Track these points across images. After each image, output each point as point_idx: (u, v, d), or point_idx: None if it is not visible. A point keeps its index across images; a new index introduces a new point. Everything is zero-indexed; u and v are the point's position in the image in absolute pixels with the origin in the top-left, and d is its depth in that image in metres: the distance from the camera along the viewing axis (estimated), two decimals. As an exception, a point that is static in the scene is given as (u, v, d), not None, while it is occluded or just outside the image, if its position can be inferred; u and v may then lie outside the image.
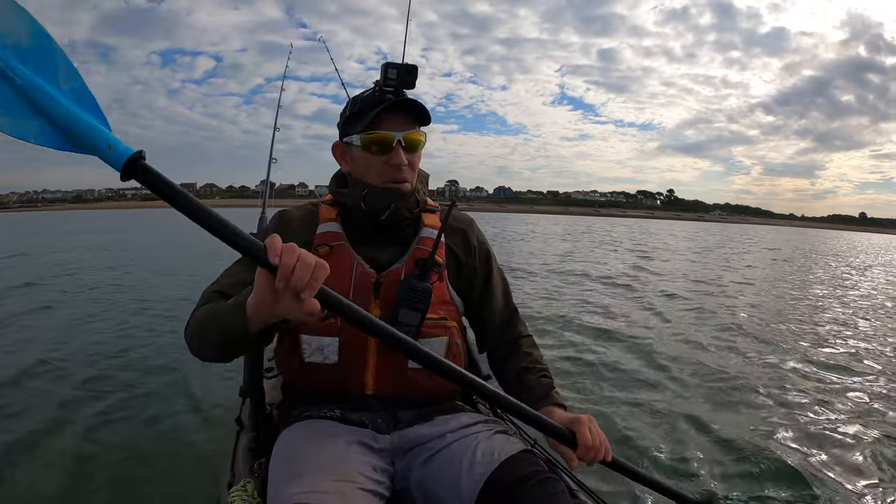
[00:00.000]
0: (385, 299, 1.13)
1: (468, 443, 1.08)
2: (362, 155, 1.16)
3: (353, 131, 1.16)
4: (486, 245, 1.32)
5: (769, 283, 9.79)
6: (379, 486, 1.02)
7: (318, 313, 0.78)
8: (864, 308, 7.28)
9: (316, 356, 1.12)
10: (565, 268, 10.37)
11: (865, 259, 19.52)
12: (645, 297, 7.12)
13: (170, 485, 2.12)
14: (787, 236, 41.55)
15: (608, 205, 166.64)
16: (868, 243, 40.60)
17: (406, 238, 1.21)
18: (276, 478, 1.00)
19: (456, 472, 1.03)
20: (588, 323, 5.23)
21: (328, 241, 1.17)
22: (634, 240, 23.50)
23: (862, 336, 5.38)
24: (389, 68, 1.13)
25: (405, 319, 1.10)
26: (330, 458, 1.00)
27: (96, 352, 3.94)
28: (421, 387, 1.15)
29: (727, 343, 4.71)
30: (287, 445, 1.07)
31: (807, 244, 29.98)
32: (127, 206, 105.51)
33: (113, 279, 7.87)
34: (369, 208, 1.15)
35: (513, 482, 0.97)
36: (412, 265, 1.16)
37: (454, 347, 1.19)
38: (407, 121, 1.15)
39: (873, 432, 2.80)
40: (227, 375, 3.00)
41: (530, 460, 1.03)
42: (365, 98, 1.17)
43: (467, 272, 1.26)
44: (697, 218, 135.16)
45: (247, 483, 1.12)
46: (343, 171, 1.25)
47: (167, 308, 5.46)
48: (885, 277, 12.39)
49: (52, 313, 5.36)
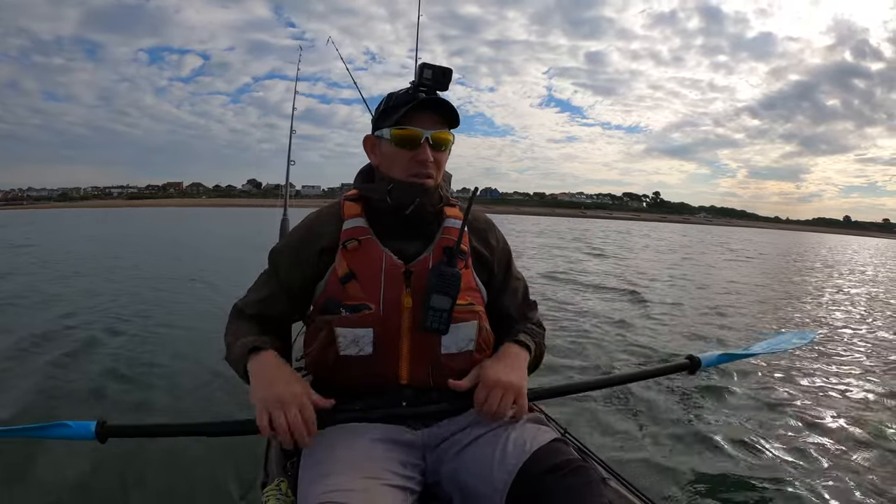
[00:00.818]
0: (416, 288, 1.14)
1: (499, 433, 1.09)
2: (391, 149, 1.18)
3: (385, 125, 1.18)
4: (505, 244, 1.35)
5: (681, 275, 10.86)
6: (409, 482, 1.03)
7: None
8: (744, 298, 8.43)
9: (351, 349, 1.13)
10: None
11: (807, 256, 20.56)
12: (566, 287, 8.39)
13: (203, 483, 2.20)
14: (763, 238, 42.55)
15: (594, 206, 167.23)
16: (835, 244, 41.87)
17: (430, 231, 1.22)
18: (305, 477, 1.02)
19: (488, 463, 1.04)
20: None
21: (356, 236, 1.18)
22: (602, 238, 24.79)
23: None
24: (426, 69, 1.16)
25: (437, 304, 1.11)
26: (358, 456, 1.02)
27: (131, 350, 4.13)
28: (454, 371, 1.16)
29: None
30: (316, 445, 1.07)
31: (779, 244, 31.17)
32: (114, 205, 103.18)
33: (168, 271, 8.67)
34: (395, 202, 1.18)
35: (545, 472, 0.98)
36: (439, 253, 1.18)
37: (483, 332, 1.20)
38: (437, 120, 1.18)
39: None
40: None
41: (562, 449, 1.04)
42: (399, 95, 1.19)
43: (488, 268, 1.28)
44: (683, 220, 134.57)
45: (280, 482, 1.14)
46: (371, 165, 1.28)
47: (207, 308, 5.74)
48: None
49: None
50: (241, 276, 6.69)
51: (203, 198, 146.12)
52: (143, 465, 2.30)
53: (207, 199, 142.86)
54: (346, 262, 1.16)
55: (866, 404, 3.40)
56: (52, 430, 1.12)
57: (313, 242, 1.21)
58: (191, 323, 5.14)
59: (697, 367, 1.51)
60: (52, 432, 1.13)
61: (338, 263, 1.17)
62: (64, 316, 5.22)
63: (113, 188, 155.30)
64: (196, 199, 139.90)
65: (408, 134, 1.15)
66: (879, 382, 3.89)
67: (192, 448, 2.37)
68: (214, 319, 4.25)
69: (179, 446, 2.38)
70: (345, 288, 1.15)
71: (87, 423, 1.11)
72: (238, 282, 5.92)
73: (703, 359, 1.52)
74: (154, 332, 4.74)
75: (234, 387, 3.00)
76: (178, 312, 5.62)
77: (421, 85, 1.17)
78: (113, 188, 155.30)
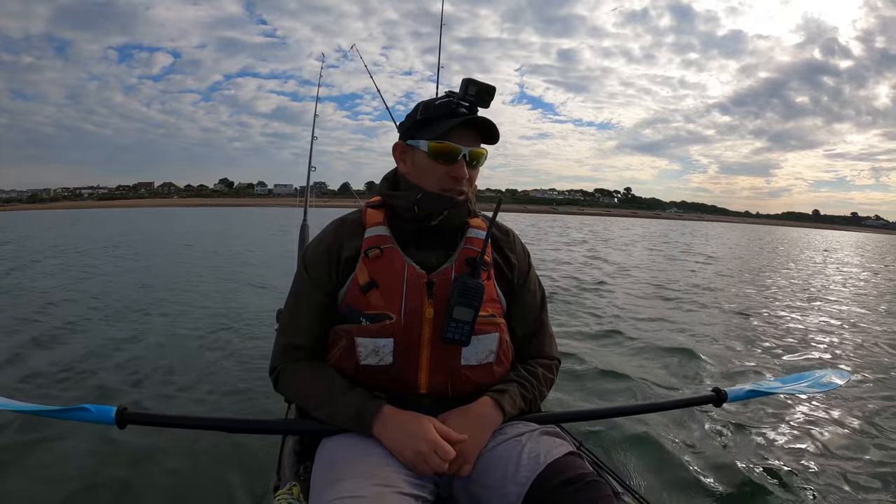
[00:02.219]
0: (439, 299, 1.14)
1: (513, 445, 1.08)
2: (425, 161, 1.17)
3: (422, 136, 1.17)
4: (526, 254, 1.33)
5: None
6: (422, 491, 1.03)
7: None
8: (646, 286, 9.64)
9: (371, 358, 1.13)
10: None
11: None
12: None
13: (216, 486, 2.18)
14: (732, 234, 42.84)
15: (566, 203, 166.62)
16: (786, 236, 42.42)
17: (452, 242, 1.22)
18: (318, 483, 1.02)
19: (501, 475, 1.03)
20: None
21: (379, 244, 1.17)
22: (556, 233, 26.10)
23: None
24: (471, 84, 1.14)
25: (460, 316, 1.10)
26: (371, 463, 1.02)
27: (145, 352, 4.10)
28: (473, 382, 1.17)
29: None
30: (330, 451, 1.08)
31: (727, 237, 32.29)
32: (85, 206, 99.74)
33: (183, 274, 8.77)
34: (422, 213, 1.17)
35: (559, 485, 0.97)
36: (462, 265, 1.17)
37: (504, 344, 1.21)
38: (475, 137, 1.17)
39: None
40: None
41: (576, 463, 1.03)
42: (438, 107, 1.17)
43: (508, 280, 1.27)
44: (653, 216, 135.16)
45: (293, 486, 1.15)
46: (398, 173, 1.26)
47: (217, 313, 5.67)
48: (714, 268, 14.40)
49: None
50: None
51: (175, 198, 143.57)
52: (157, 458, 2.34)
53: (180, 198, 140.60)
54: (367, 271, 1.16)
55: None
56: (74, 412, 1.13)
57: (340, 250, 1.21)
58: (224, 321, 5.20)
59: (724, 400, 1.49)
60: (73, 415, 1.13)
61: (359, 272, 1.17)
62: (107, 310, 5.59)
63: (83, 189, 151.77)
64: (168, 199, 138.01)
65: (447, 149, 1.14)
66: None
67: (207, 446, 2.39)
68: (255, 323, 5.03)
69: (195, 443, 2.41)
70: (366, 296, 1.14)
71: (107, 408, 1.12)
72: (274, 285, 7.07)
73: (730, 393, 1.51)
74: (182, 325, 4.99)
75: (256, 386, 3.25)
76: (220, 312, 5.67)
77: (464, 99, 1.15)
78: (83, 189, 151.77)
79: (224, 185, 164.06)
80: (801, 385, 1.77)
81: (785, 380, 1.80)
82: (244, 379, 3.48)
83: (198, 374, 3.59)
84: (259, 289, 7.51)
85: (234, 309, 5.84)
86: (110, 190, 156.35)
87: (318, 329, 1.21)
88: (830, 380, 1.81)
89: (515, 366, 1.27)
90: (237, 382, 3.42)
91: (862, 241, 49.19)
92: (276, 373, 1.24)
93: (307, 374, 1.20)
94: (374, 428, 1.08)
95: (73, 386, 3.31)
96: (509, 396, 1.17)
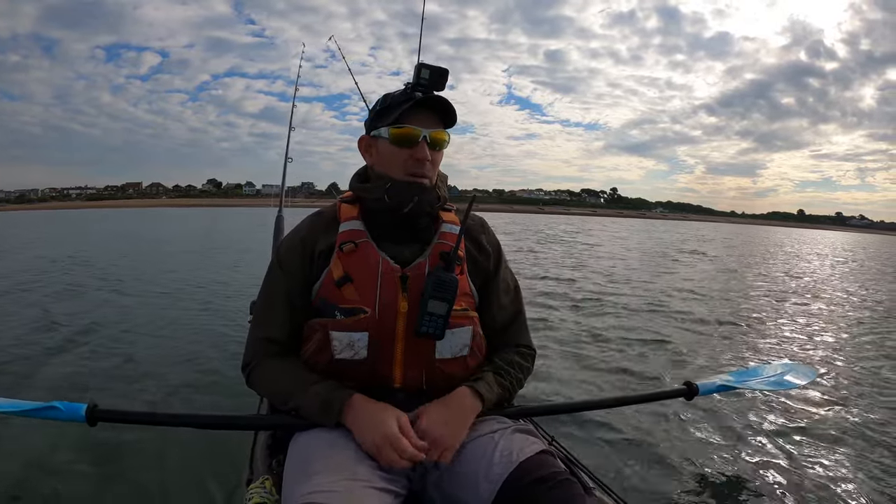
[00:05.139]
0: (412, 293, 1.13)
1: (486, 443, 1.09)
2: (388, 148, 1.18)
3: (382, 125, 1.18)
4: (497, 244, 1.33)
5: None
6: (394, 485, 1.02)
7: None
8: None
9: (346, 352, 1.13)
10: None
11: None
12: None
13: (189, 480, 2.17)
14: (691, 231, 43.07)
15: (552, 203, 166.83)
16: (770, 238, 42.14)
17: (426, 236, 1.22)
18: (290, 476, 1.03)
19: (474, 473, 1.04)
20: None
21: (353, 239, 1.18)
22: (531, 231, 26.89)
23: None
24: (423, 69, 1.16)
25: (434, 310, 1.11)
26: (343, 458, 1.02)
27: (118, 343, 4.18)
28: (447, 376, 1.17)
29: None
30: (303, 445, 1.09)
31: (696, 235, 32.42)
32: (73, 206, 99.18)
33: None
34: (393, 202, 1.17)
35: (531, 484, 0.97)
36: (436, 259, 1.17)
37: (477, 337, 1.21)
38: (434, 120, 1.18)
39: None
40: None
41: (548, 461, 1.04)
42: (395, 96, 1.20)
43: (479, 269, 1.27)
44: (639, 215, 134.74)
45: (265, 480, 1.14)
46: (367, 166, 1.27)
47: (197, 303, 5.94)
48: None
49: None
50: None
51: (163, 198, 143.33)
52: (129, 455, 2.30)
53: (168, 199, 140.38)
54: (342, 265, 1.16)
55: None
56: (43, 411, 1.12)
57: (315, 244, 1.21)
58: (194, 318, 5.26)
59: (695, 394, 1.50)
60: (43, 413, 1.12)
61: (333, 266, 1.17)
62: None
63: (71, 189, 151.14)
64: (157, 200, 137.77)
65: (406, 132, 1.15)
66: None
67: (179, 441, 2.35)
68: (220, 316, 5.25)
69: (167, 439, 2.36)
70: (340, 290, 1.15)
71: (77, 406, 1.12)
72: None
73: (702, 386, 1.52)
74: (156, 324, 4.97)
75: (227, 382, 3.24)
76: (186, 307, 5.76)
77: (418, 84, 1.17)
78: (71, 189, 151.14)
79: (212, 185, 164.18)
80: (771, 379, 1.84)
81: (755, 372, 1.84)
82: (216, 370, 3.57)
83: (169, 366, 3.66)
84: (234, 276, 7.92)
85: (209, 300, 6.12)
86: (98, 190, 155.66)
87: (292, 323, 1.21)
88: (798, 377, 1.90)
89: (491, 356, 1.27)
90: (210, 374, 3.51)
91: (840, 241, 47.68)
92: (249, 369, 1.24)
93: (278, 369, 1.20)
94: (343, 416, 1.08)
95: (39, 383, 3.30)
96: (485, 383, 1.18)
